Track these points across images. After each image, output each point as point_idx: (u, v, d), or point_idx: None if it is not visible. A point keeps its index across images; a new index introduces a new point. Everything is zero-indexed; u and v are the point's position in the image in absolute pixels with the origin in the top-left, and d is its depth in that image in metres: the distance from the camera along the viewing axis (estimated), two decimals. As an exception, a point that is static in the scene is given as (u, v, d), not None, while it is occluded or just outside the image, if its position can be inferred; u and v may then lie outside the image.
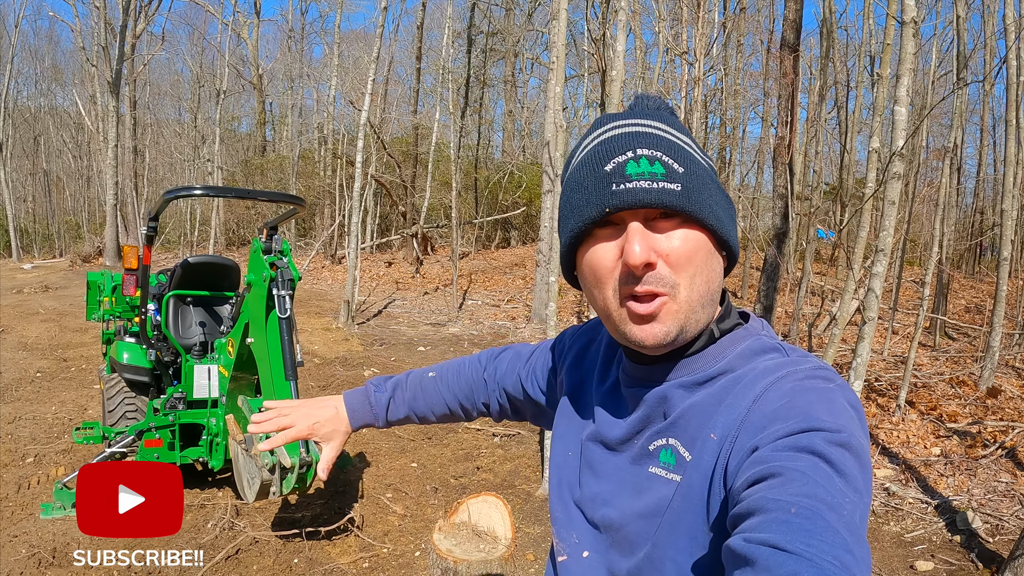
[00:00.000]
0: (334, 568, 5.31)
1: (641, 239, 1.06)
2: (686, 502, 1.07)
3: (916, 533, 6.27)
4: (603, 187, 1.08)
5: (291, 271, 4.84)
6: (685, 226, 1.08)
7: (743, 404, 1.07)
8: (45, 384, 10.15)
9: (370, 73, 16.01)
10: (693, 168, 1.11)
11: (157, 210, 6.09)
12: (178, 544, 5.44)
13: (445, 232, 28.99)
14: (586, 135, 1.21)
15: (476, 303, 19.25)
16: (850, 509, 0.85)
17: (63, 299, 17.91)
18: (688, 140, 1.16)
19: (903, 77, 5.08)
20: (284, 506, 6.31)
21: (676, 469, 1.12)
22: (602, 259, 1.12)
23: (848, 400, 1.04)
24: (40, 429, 8.08)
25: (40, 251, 37.20)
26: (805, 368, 1.09)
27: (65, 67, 45.36)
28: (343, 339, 14.23)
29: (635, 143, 1.09)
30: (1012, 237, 11.51)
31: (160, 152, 41.30)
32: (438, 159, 27.39)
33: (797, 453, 0.92)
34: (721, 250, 1.16)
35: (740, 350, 1.17)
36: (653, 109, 1.19)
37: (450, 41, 24.60)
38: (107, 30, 28.06)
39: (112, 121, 26.43)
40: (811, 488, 0.85)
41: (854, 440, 0.95)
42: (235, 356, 5.44)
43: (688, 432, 1.12)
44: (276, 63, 41.57)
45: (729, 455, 1.03)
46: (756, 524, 0.84)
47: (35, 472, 6.80)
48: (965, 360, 12.61)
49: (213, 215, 28.33)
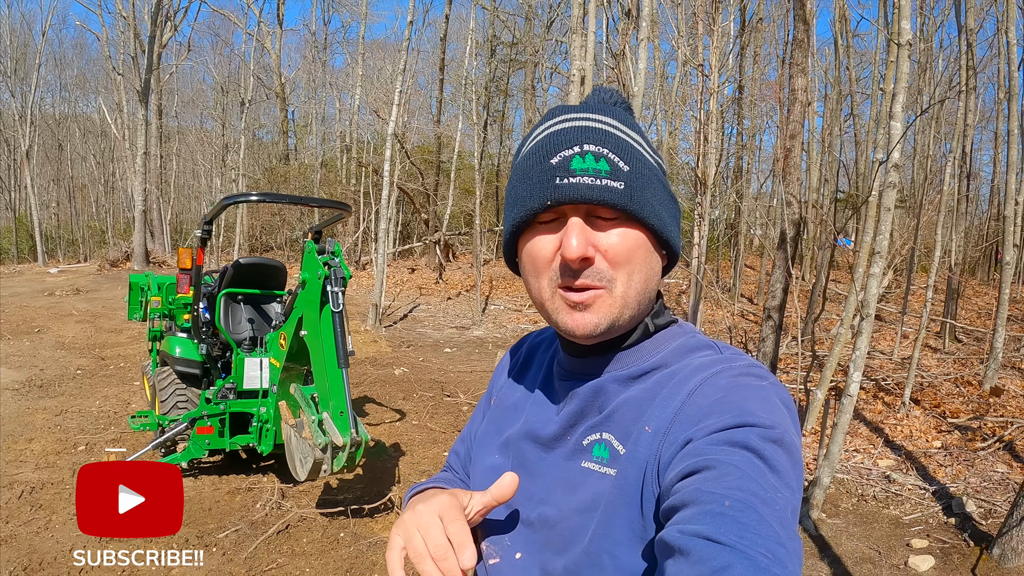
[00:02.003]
0: (378, 541, 5.79)
1: (579, 233, 1.08)
2: (622, 495, 1.07)
3: (914, 516, 6.67)
4: (547, 179, 1.10)
5: (343, 270, 5.34)
6: (626, 224, 1.11)
7: (678, 398, 1.08)
8: (86, 381, 10.58)
9: (396, 85, 16.44)
10: (639, 167, 1.13)
11: (213, 214, 6.64)
12: (231, 523, 5.94)
13: (466, 239, 29.29)
14: (538, 124, 1.22)
15: (499, 308, 19.65)
16: (782, 504, 0.88)
17: (95, 302, 18.33)
18: (638, 138, 1.18)
19: (899, 95, 5.53)
20: (326, 489, 6.78)
21: (610, 463, 1.12)
22: (541, 250, 1.14)
23: (781, 398, 1.06)
24: (87, 421, 8.52)
25: (64, 256, 37.57)
26: (739, 365, 1.12)
27: (90, 74, 45.94)
28: (372, 341, 14.68)
29: (583, 138, 1.11)
30: (1016, 241, 11.86)
31: (183, 160, 41.88)
32: (460, 168, 27.71)
33: (731, 448, 0.93)
34: (661, 249, 1.19)
35: (674, 346, 1.20)
36: (608, 104, 1.22)
37: (472, 52, 25.01)
38: (135, 40, 28.56)
39: (141, 130, 26.96)
40: (744, 482, 0.88)
41: (787, 437, 0.97)
42: (287, 348, 5.93)
43: (623, 426, 1.13)
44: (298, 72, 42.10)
45: (662, 447, 1.04)
46: (690, 516, 0.86)
47: (87, 459, 7.27)
48: (972, 362, 12.93)
49: (238, 222, 28.84)
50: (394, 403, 10.15)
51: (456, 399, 10.33)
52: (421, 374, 12.02)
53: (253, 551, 5.50)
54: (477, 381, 11.65)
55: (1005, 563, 5.66)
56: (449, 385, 11.25)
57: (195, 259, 6.98)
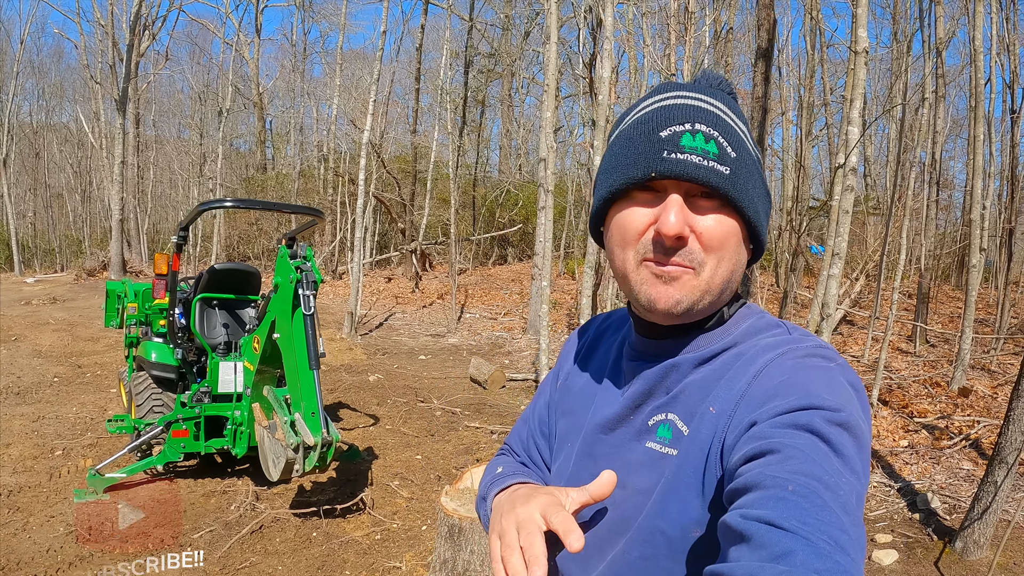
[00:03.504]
0: (349, 540, 5.86)
1: (679, 211, 1.07)
2: (681, 475, 1.07)
3: (878, 512, 6.79)
4: (654, 151, 1.08)
5: (314, 274, 5.45)
6: (723, 211, 1.10)
7: (743, 379, 1.08)
8: (63, 388, 10.62)
9: (371, 95, 16.51)
10: (744, 156, 1.12)
11: (189, 220, 6.72)
12: (205, 523, 6.01)
13: (443, 249, 29.28)
14: (645, 97, 1.21)
15: (474, 316, 19.69)
16: (846, 489, 0.86)
17: (72, 310, 18.31)
18: (744, 127, 1.17)
19: (855, 101, 5.69)
20: (300, 491, 6.86)
21: (672, 443, 1.12)
22: (633, 221, 1.12)
23: (848, 380, 1.05)
24: (64, 427, 8.57)
25: (41, 265, 37.41)
26: (806, 346, 1.10)
27: (67, 83, 45.77)
28: (347, 348, 14.72)
29: (695, 117, 1.10)
30: (983, 245, 12.08)
31: (160, 169, 41.75)
32: (436, 177, 27.74)
33: (796, 431, 0.92)
34: (750, 242, 1.18)
35: (745, 327, 1.19)
36: (717, 88, 1.20)
37: (448, 62, 25.11)
38: (114, 49, 28.53)
39: (119, 139, 26.91)
40: (809, 467, 0.86)
41: (853, 420, 0.95)
42: (261, 351, 6.03)
43: (688, 406, 1.13)
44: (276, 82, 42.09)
45: (727, 428, 1.04)
46: (753, 500, 0.85)
47: (64, 463, 7.33)
48: (942, 364, 13.12)
49: (215, 231, 28.82)
50: (368, 408, 10.23)
51: (430, 404, 10.42)
52: (395, 380, 12.10)
53: (227, 550, 5.57)
54: (451, 387, 11.74)
55: (967, 556, 5.78)
56: (423, 391, 11.32)
57: (171, 265, 7.06)
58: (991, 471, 5.78)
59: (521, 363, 14.16)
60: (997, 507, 5.83)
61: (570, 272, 25.27)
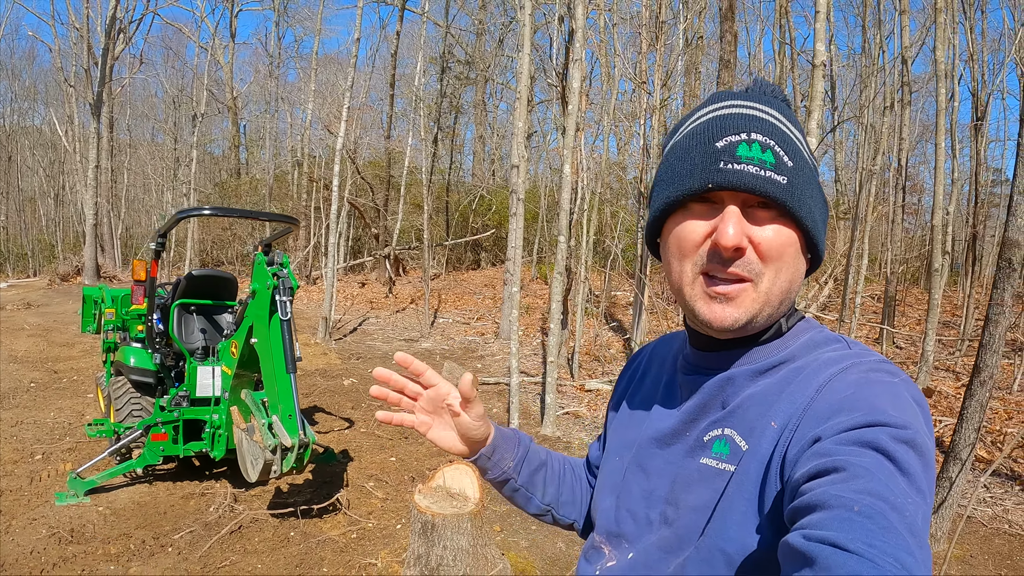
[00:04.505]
0: (326, 539, 6.03)
1: (737, 223, 1.06)
2: (740, 491, 1.06)
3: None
4: (711, 162, 1.08)
5: (291, 280, 5.62)
6: (780, 221, 1.09)
7: (806, 393, 1.06)
8: (40, 393, 10.64)
9: (345, 101, 16.61)
10: (800, 164, 1.11)
11: (167, 227, 6.87)
12: (185, 524, 6.15)
13: (417, 254, 29.28)
14: (699, 107, 1.20)
15: (447, 321, 19.81)
16: (912, 510, 0.84)
17: (47, 316, 18.23)
18: (800, 135, 1.16)
19: (814, 112, 5.92)
20: (277, 493, 7.01)
21: (730, 459, 1.10)
22: (691, 233, 1.11)
23: (913, 396, 1.02)
24: (43, 432, 8.63)
25: (14, 270, 37.02)
26: (869, 361, 1.08)
27: (40, 86, 45.42)
28: (322, 353, 14.83)
29: (750, 126, 1.09)
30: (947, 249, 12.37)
31: (134, 173, 41.56)
32: (410, 183, 27.82)
33: (861, 448, 0.90)
34: (808, 252, 1.16)
35: (803, 341, 1.18)
36: (770, 96, 1.19)
37: (424, 68, 25.21)
38: (88, 53, 28.43)
39: (92, 143, 26.82)
40: (874, 486, 0.84)
41: (919, 438, 0.93)
42: (238, 356, 6.17)
43: (746, 421, 1.11)
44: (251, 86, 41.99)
45: (789, 443, 1.02)
46: (817, 520, 0.83)
47: (44, 467, 7.42)
48: (908, 366, 13.37)
49: (188, 236, 28.79)
50: (343, 412, 10.39)
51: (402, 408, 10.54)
52: (369, 384, 12.06)
53: (207, 550, 5.72)
54: (423, 392, 11.84)
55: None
56: (398, 395, 11.43)
57: (149, 271, 7.19)
58: (946, 467, 6.02)
59: (493, 367, 14.33)
60: (952, 501, 6.06)
61: (543, 277, 25.40)
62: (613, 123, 17.65)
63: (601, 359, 14.41)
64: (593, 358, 14.55)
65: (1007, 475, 8.07)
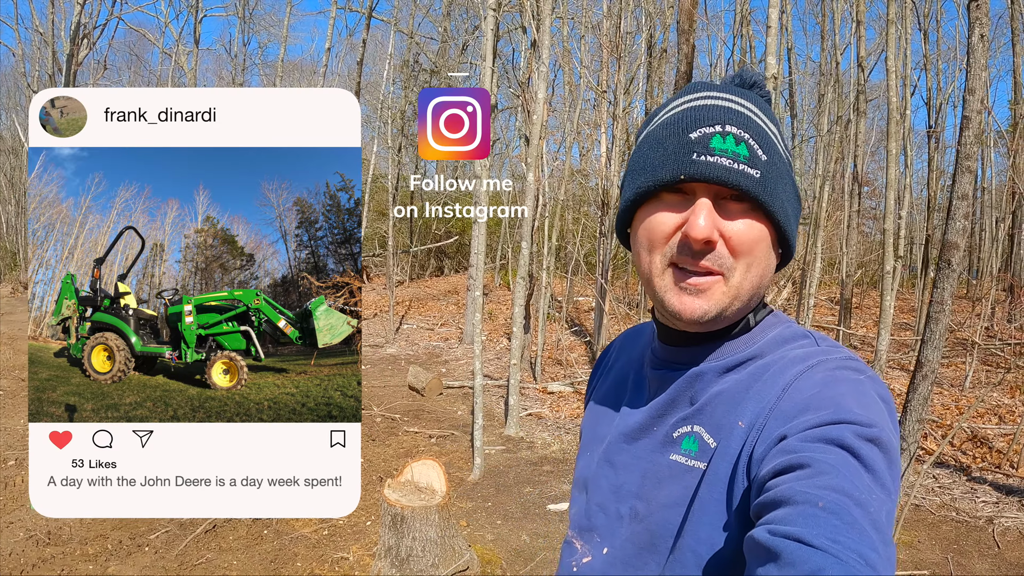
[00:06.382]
0: (299, 536, 6.21)
1: (708, 215, 1.05)
2: (710, 491, 1.05)
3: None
4: (684, 153, 1.06)
5: None
6: (752, 215, 1.08)
7: (773, 392, 1.05)
8: (9, 401, 10.59)
9: (313, 108, 16.71)
10: (774, 159, 1.10)
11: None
12: (160, 524, 6.29)
13: (381, 261, 29.30)
14: (676, 97, 1.18)
15: (412, 327, 19.95)
16: (876, 506, 0.85)
17: (11, 324, 17.97)
18: (776, 130, 1.14)
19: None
20: (250, 494, 7.17)
21: (699, 456, 1.10)
22: (661, 224, 1.10)
23: (879, 393, 1.03)
24: (14, 439, 8.64)
25: (-25, 279, 36.67)
26: (836, 358, 1.08)
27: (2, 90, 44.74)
28: (289, 359, 14.87)
29: (726, 118, 1.08)
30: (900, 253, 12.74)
31: (98, 181, 41.11)
32: (375, 190, 27.88)
33: (827, 445, 0.90)
34: (779, 247, 1.16)
35: (771, 336, 1.17)
36: (749, 88, 1.18)
37: (390, 77, 25.30)
38: (53, 59, 28.22)
39: (55, 150, 26.59)
40: (839, 482, 0.85)
41: (884, 436, 0.94)
42: None
43: (714, 419, 1.10)
44: (214, 93, 41.65)
45: (756, 442, 1.02)
46: (782, 516, 0.83)
47: (18, 473, 7.49)
48: (862, 367, 13.72)
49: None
50: (313, 416, 10.46)
51: (370, 411, 10.70)
52: (337, 390, 12.32)
53: (183, 549, 5.88)
54: (390, 395, 12.08)
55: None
56: (363, 399, 11.57)
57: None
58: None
59: (458, 371, 14.52)
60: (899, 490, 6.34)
61: (506, 283, 25.48)
62: (575, 131, 17.88)
63: (563, 362, 14.68)
64: (556, 361, 14.81)
65: (955, 467, 8.41)
